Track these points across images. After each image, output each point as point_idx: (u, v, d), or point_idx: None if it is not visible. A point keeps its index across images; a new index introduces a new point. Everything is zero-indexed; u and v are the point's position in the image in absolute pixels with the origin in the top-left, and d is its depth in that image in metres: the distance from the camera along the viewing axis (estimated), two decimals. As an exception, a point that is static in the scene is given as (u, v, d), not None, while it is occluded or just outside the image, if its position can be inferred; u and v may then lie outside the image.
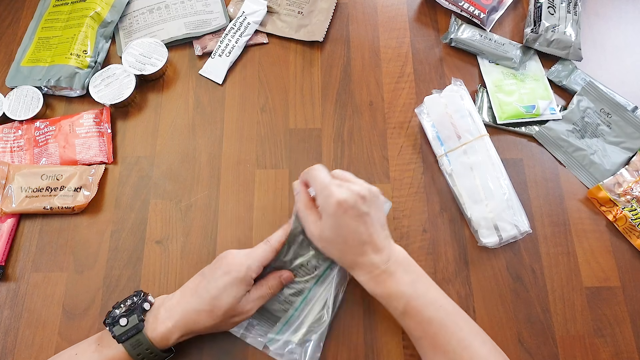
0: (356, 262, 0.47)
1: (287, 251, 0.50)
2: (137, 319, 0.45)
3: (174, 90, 0.66)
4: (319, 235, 0.47)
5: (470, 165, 0.58)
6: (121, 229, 0.58)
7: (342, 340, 0.53)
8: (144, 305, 0.47)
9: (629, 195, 0.57)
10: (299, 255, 0.51)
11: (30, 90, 0.63)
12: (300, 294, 0.51)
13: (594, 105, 0.63)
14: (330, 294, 0.51)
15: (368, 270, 0.46)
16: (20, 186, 0.58)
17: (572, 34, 0.65)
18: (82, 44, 0.65)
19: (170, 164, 0.61)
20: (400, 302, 0.45)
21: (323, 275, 0.52)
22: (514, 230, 0.55)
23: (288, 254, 0.51)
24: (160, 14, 0.69)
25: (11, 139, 0.62)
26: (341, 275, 0.52)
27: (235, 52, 0.66)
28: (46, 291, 0.55)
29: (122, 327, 0.45)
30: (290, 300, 0.51)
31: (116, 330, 0.45)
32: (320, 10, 0.69)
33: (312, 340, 0.50)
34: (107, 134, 0.62)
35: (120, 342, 0.45)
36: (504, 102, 0.63)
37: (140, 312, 0.46)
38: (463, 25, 0.68)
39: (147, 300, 0.48)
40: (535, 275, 0.56)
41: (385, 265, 0.46)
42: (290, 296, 0.51)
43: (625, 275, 0.56)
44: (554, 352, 0.52)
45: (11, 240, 0.57)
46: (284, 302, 0.51)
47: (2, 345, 0.53)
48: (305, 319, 0.51)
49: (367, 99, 0.65)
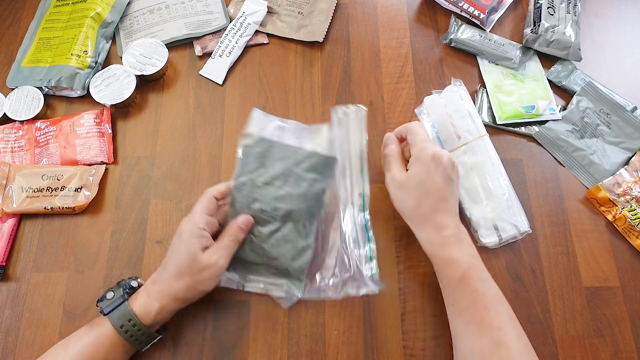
0: (430, 218, 0.49)
1: (237, 199, 0.50)
2: (122, 292, 0.48)
3: (174, 91, 0.66)
4: (402, 182, 0.50)
5: (470, 166, 0.58)
6: (122, 229, 0.58)
7: (342, 340, 0.53)
8: (131, 282, 0.50)
9: (628, 196, 0.58)
10: (255, 201, 0.51)
11: (31, 90, 0.63)
12: (270, 237, 0.51)
13: (593, 106, 0.63)
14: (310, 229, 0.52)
15: (438, 230, 0.48)
16: (21, 186, 0.58)
17: (571, 35, 0.65)
18: (82, 44, 0.65)
19: (170, 164, 0.61)
20: (460, 269, 0.46)
21: (290, 215, 0.51)
22: (513, 230, 0.55)
23: (238, 201, 0.50)
24: (161, 15, 0.69)
25: (12, 139, 0.62)
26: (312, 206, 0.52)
27: (235, 53, 0.66)
28: (47, 291, 0.55)
29: (108, 300, 0.48)
30: (262, 246, 0.51)
31: (102, 305, 0.47)
32: (320, 10, 0.69)
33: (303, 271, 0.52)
34: (107, 134, 0.62)
35: (105, 315, 0.47)
36: (503, 102, 0.63)
37: (126, 287, 0.49)
38: (463, 25, 0.68)
39: (137, 280, 0.51)
40: (535, 275, 0.56)
41: (456, 230, 0.48)
42: (261, 242, 0.51)
43: (625, 275, 0.56)
44: (554, 352, 0.52)
45: (12, 240, 0.57)
46: (256, 248, 0.51)
47: (3, 345, 0.53)
48: (283, 259, 0.51)
49: (367, 99, 0.65)
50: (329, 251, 0.54)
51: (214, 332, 0.53)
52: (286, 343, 0.53)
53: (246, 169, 0.51)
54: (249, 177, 0.51)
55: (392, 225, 0.58)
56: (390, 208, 0.54)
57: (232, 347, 0.52)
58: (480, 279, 0.46)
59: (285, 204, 0.50)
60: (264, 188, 0.51)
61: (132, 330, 0.46)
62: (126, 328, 0.46)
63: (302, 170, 0.51)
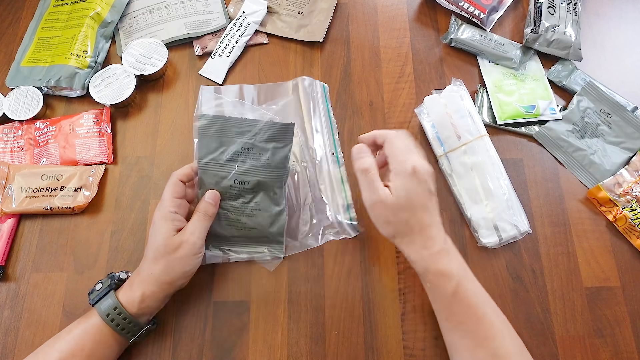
0: (418, 234, 0.47)
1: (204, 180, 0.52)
2: (110, 282, 0.49)
3: (174, 91, 0.66)
4: (389, 203, 0.46)
5: (470, 166, 0.58)
6: (121, 229, 0.58)
7: (342, 340, 0.53)
8: (120, 275, 0.51)
9: (628, 196, 0.57)
10: (222, 178, 0.52)
11: (30, 90, 0.63)
12: (244, 209, 0.53)
13: (594, 106, 0.63)
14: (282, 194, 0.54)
15: (426, 245, 0.46)
16: (20, 186, 0.58)
17: (572, 34, 0.65)
18: (82, 44, 0.65)
19: (170, 164, 0.61)
20: (452, 282, 0.45)
21: (259, 186, 0.52)
22: (513, 230, 0.55)
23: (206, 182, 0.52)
24: (160, 14, 0.69)
25: (11, 139, 0.62)
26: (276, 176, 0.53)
27: (235, 52, 0.66)
28: (46, 291, 0.55)
29: (97, 290, 0.49)
30: (238, 219, 0.53)
31: (92, 296, 0.49)
32: (320, 10, 0.69)
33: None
34: (107, 134, 0.62)
35: (93, 305, 0.47)
36: (504, 102, 0.63)
37: (115, 279, 0.50)
38: (463, 25, 0.68)
39: (126, 273, 0.52)
40: (535, 276, 0.56)
41: (445, 244, 0.47)
42: (237, 215, 0.53)
43: (625, 276, 0.56)
44: (554, 352, 0.52)
45: (11, 241, 0.57)
46: (233, 222, 0.53)
47: (3, 345, 0.53)
48: (260, 228, 0.53)
49: (367, 99, 0.65)
50: (302, 207, 0.57)
51: (214, 332, 0.53)
52: (286, 343, 0.53)
53: (207, 150, 0.52)
54: (211, 157, 0.52)
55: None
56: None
57: (232, 348, 0.52)
58: (473, 291, 0.46)
59: (252, 176, 0.52)
60: (228, 165, 0.52)
61: (118, 319, 0.46)
62: (112, 316, 0.46)
63: (261, 141, 0.52)
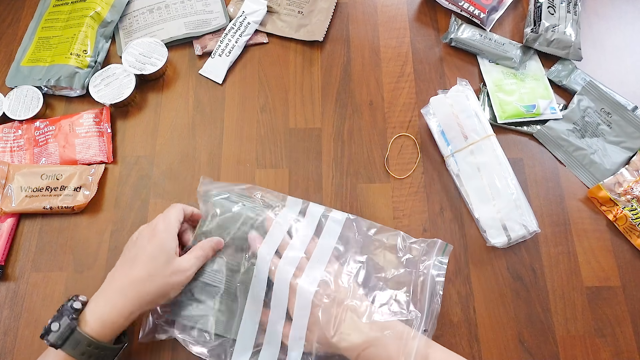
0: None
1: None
2: (69, 319, 0.43)
3: (173, 90, 0.66)
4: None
5: (477, 166, 0.57)
6: (121, 229, 0.58)
7: (342, 340, 0.52)
8: (74, 305, 0.44)
9: (629, 195, 0.57)
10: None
11: (30, 90, 0.63)
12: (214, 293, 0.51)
13: (594, 105, 0.63)
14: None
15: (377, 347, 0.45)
16: (20, 186, 0.58)
17: (572, 34, 0.65)
18: (82, 43, 0.65)
19: (170, 164, 0.61)
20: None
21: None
22: (522, 230, 0.54)
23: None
24: (160, 14, 0.69)
25: (11, 138, 0.62)
26: None
27: (235, 52, 0.66)
28: (46, 291, 0.55)
29: (55, 332, 0.42)
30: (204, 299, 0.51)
31: (51, 338, 0.42)
32: (320, 10, 0.69)
33: None
34: (107, 133, 0.62)
35: (58, 348, 0.42)
36: (504, 101, 0.63)
37: (71, 312, 0.44)
38: (463, 25, 0.68)
39: (78, 300, 0.45)
40: (536, 275, 0.55)
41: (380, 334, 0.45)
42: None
43: (626, 275, 0.56)
44: (555, 352, 0.52)
45: (11, 240, 0.57)
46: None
47: (2, 345, 0.53)
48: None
49: (367, 99, 0.65)
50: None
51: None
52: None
53: (208, 224, 0.52)
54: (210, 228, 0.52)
55: (391, 225, 0.58)
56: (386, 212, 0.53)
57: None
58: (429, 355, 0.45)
59: None
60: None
61: (94, 353, 0.43)
62: (88, 353, 0.43)
63: None
